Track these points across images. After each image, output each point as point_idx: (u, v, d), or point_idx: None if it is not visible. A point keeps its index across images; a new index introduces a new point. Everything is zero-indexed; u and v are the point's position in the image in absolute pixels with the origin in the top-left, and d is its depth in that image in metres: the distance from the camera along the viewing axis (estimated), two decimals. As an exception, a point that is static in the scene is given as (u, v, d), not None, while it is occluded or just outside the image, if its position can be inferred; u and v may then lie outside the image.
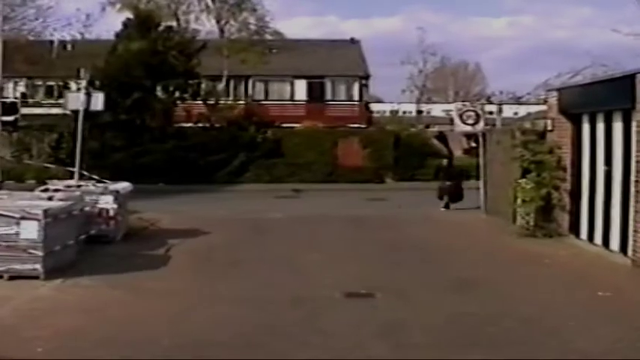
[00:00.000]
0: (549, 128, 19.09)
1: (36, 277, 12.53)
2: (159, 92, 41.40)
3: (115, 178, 20.60)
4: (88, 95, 20.70)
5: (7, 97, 43.01)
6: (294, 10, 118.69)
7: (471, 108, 25.69)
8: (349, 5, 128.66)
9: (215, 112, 44.34)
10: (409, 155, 43.26)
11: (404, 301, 11.69)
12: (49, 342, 8.98)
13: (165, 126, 41.39)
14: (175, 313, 10.78)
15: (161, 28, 42.96)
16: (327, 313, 10.87)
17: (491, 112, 29.56)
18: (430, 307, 11.26)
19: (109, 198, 17.29)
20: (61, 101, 31.90)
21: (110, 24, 65.00)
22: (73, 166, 20.54)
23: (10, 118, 40.94)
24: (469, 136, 44.61)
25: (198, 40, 45.36)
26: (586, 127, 17.74)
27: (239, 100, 49.61)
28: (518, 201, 19.51)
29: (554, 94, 19.07)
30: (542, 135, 19.39)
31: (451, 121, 30.41)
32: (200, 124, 43.50)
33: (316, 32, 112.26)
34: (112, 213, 17.19)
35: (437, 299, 11.88)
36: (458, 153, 52.72)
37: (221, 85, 50.25)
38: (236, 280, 13.53)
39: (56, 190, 16.26)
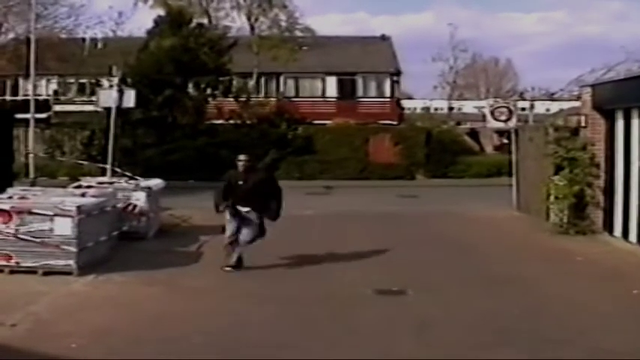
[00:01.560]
0: (583, 124, 18.94)
1: (69, 273, 12.62)
2: (190, 89, 41.58)
3: (147, 175, 20.69)
4: (120, 92, 20.84)
5: (39, 95, 43.36)
6: (325, 6, 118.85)
7: (504, 104, 25.56)
8: (379, 1, 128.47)
9: (246, 109, 44.44)
10: (440, 152, 43.19)
11: (436, 298, 11.64)
12: (83, 338, 9.03)
13: (197, 123, 41.53)
14: (207, 309, 10.80)
15: (192, 25, 43.09)
16: (358, 310, 10.84)
17: (523, 109, 29.40)
18: (462, 305, 11.21)
19: (141, 195, 17.37)
20: (93, 98, 32.18)
21: (141, 21, 65.46)
22: (105, 163, 20.67)
23: (43, 116, 41.30)
24: (501, 132, 44.56)
25: (229, 37, 45.50)
26: (620, 124, 17.57)
27: (270, 97, 49.72)
28: (551, 198, 19.38)
29: (588, 90, 18.89)
30: (575, 131, 19.25)
31: (483, 118, 30.34)
32: (231, 121, 43.59)
33: (346, 29, 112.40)
34: (144, 209, 17.25)
35: (469, 296, 11.82)
36: (489, 149, 52.77)
37: (252, 82, 50.38)
38: (267, 276, 13.53)
39: (89, 187, 16.36)
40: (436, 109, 62.47)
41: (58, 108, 46.65)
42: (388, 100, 53.22)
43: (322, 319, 10.27)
